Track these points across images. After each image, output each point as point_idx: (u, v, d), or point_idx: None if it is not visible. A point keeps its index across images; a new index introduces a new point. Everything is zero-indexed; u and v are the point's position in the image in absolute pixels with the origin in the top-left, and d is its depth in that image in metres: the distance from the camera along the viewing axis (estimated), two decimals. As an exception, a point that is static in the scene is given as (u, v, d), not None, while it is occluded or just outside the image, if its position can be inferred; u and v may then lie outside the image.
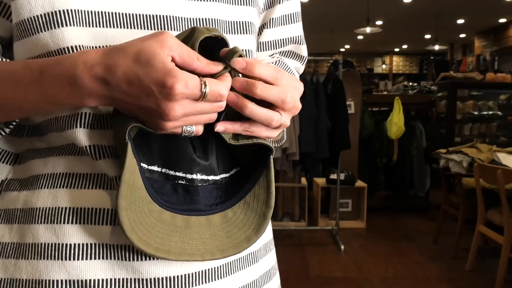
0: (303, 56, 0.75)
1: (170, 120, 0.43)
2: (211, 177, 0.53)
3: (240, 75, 0.49)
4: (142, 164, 0.50)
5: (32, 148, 0.57)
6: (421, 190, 5.10)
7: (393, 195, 5.26)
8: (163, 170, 0.51)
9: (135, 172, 0.45)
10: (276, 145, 0.62)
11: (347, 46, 13.53)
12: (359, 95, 4.65)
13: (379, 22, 9.69)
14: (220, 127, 0.49)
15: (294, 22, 0.70)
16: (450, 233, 3.93)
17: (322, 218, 4.52)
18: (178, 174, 0.52)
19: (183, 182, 0.52)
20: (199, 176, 0.52)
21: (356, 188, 4.48)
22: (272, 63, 0.68)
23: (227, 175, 0.55)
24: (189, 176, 0.52)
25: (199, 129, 0.48)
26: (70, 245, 0.50)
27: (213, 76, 0.46)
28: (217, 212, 0.52)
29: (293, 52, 0.73)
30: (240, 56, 0.48)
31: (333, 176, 4.26)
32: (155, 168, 0.51)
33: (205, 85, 0.43)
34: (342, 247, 3.81)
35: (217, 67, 0.46)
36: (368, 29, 8.15)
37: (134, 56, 0.42)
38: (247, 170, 0.55)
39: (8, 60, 0.51)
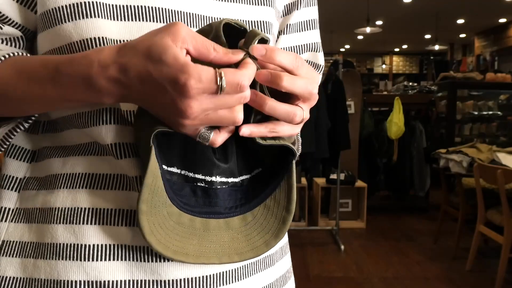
0: (320, 65, 0.71)
1: (188, 118, 0.41)
2: (230, 179, 0.52)
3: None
4: (162, 166, 0.49)
5: (50, 145, 0.56)
6: (421, 190, 5.09)
7: (393, 195, 5.26)
8: (183, 172, 0.50)
9: (157, 177, 0.45)
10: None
11: (347, 46, 13.52)
12: (359, 95, 4.65)
13: (379, 22, 9.69)
14: (245, 130, 0.45)
15: (311, 29, 0.68)
16: (450, 233, 3.93)
17: (322, 218, 4.52)
18: (197, 176, 0.50)
19: (202, 185, 0.50)
20: (218, 179, 0.51)
21: (356, 188, 4.47)
22: None
23: (247, 176, 0.54)
24: (208, 178, 0.50)
25: (216, 138, 0.44)
26: (89, 245, 0.50)
27: (235, 65, 0.42)
28: (237, 215, 0.51)
29: (309, 61, 0.70)
30: (263, 39, 0.44)
31: (333, 176, 4.26)
32: (174, 169, 0.49)
33: (221, 77, 0.39)
34: (342, 247, 3.81)
35: (236, 56, 0.42)
36: (368, 29, 8.16)
37: (145, 52, 0.40)
38: (269, 172, 0.53)
39: (28, 55, 0.50)
